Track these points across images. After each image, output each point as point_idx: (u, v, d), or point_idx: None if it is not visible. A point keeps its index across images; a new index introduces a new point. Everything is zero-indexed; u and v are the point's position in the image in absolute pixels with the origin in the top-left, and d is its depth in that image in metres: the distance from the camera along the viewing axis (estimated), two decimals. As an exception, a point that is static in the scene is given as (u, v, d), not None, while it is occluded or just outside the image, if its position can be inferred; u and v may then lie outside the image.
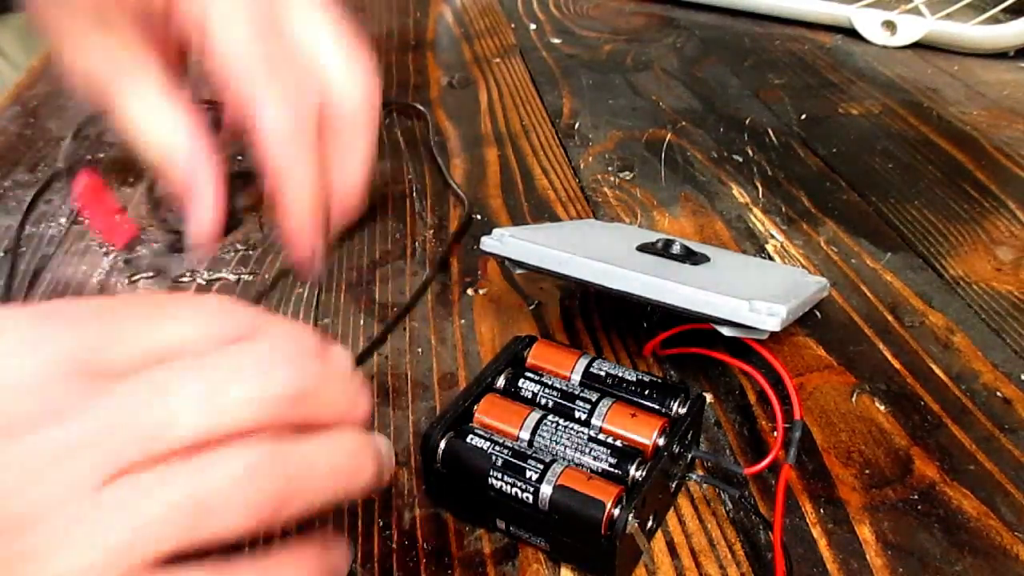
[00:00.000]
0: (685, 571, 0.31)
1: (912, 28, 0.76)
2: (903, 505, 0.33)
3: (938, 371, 0.39)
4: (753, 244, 0.50)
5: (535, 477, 0.29)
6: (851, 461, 0.35)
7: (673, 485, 0.32)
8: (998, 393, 0.38)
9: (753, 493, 0.34)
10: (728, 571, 0.31)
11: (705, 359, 0.37)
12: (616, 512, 0.28)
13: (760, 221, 0.52)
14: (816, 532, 0.32)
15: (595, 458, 0.30)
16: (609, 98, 0.69)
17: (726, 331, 0.33)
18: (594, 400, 0.32)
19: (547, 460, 0.30)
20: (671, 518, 0.33)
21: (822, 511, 0.33)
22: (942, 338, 0.42)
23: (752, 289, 0.37)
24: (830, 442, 0.36)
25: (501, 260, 0.38)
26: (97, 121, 0.68)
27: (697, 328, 0.35)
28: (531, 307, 0.45)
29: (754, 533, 0.32)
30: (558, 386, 0.33)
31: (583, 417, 0.32)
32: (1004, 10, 0.74)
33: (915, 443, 0.36)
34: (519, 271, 0.38)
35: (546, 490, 0.29)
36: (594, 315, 0.44)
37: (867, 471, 0.34)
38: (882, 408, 0.37)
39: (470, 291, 0.46)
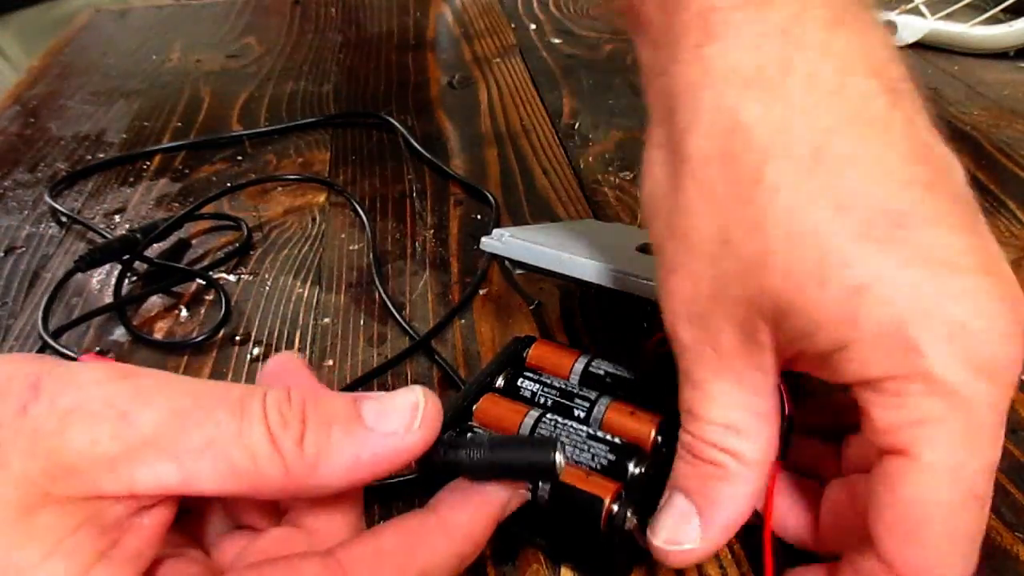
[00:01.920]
0: (685, 571, 0.31)
1: (912, 28, 0.76)
2: (903, 505, 0.33)
3: (938, 371, 0.39)
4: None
5: None
6: (851, 461, 0.35)
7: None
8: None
9: (753, 493, 0.33)
10: (728, 571, 0.31)
11: None
12: (615, 508, 0.28)
13: (760, 221, 0.52)
14: (816, 532, 0.32)
15: (594, 455, 0.30)
16: (609, 98, 0.69)
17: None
18: (592, 398, 0.32)
19: None
20: (671, 518, 0.33)
21: (822, 511, 0.33)
22: (942, 338, 0.42)
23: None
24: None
25: (501, 260, 0.38)
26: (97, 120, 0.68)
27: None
28: (531, 307, 0.45)
29: (754, 533, 0.32)
30: (557, 385, 0.33)
31: (582, 415, 0.32)
32: (1004, 10, 0.74)
33: (915, 443, 0.36)
34: (519, 271, 0.38)
35: (545, 487, 0.29)
36: (594, 315, 0.44)
37: (867, 471, 0.34)
38: (882, 408, 0.37)
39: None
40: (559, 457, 0.24)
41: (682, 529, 0.26)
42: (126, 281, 0.47)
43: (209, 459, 0.21)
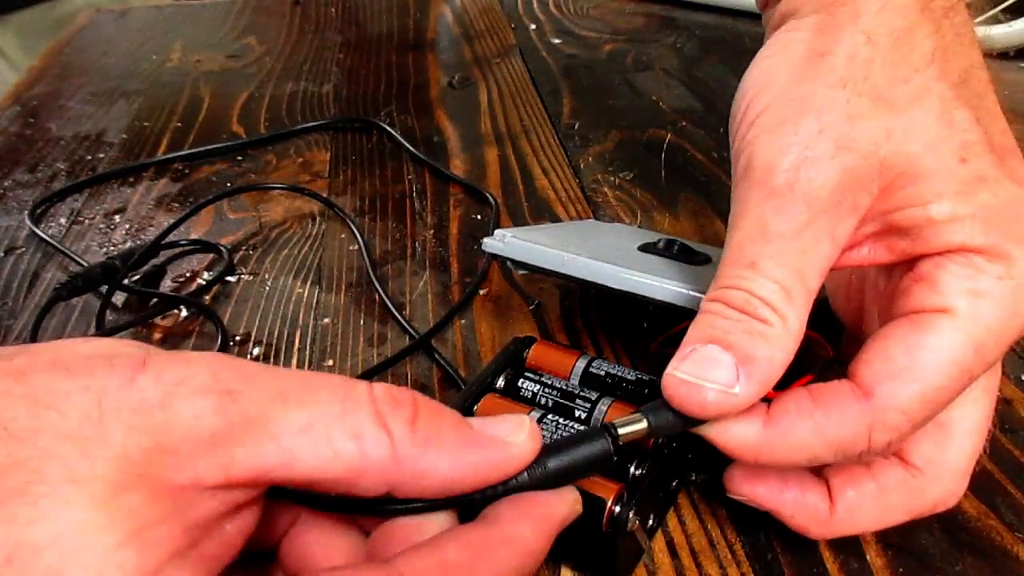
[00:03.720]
0: (685, 571, 0.31)
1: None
2: (903, 505, 0.33)
3: (938, 371, 0.39)
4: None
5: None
6: (851, 461, 0.35)
7: (673, 484, 0.32)
8: (998, 393, 0.38)
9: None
10: (728, 571, 0.31)
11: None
12: (617, 510, 0.28)
13: (760, 221, 0.52)
14: (816, 532, 0.32)
15: None
16: (609, 98, 0.69)
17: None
18: (593, 399, 0.32)
19: None
20: (671, 518, 0.33)
21: (822, 511, 0.33)
22: (942, 338, 0.42)
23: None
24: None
25: (503, 261, 0.38)
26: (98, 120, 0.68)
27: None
28: (531, 307, 0.45)
29: (754, 533, 0.32)
30: (558, 385, 0.33)
31: (583, 416, 0.32)
32: (1004, 10, 0.74)
33: (915, 443, 0.36)
34: (521, 272, 0.38)
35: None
36: (594, 315, 0.44)
37: (867, 471, 0.34)
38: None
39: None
40: (611, 445, 0.25)
41: (711, 370, 0.24)
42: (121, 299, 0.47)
43: (310, 440, 0.20)
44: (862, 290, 0.32)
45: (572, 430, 0.31)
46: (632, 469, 0.30)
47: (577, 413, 0.32)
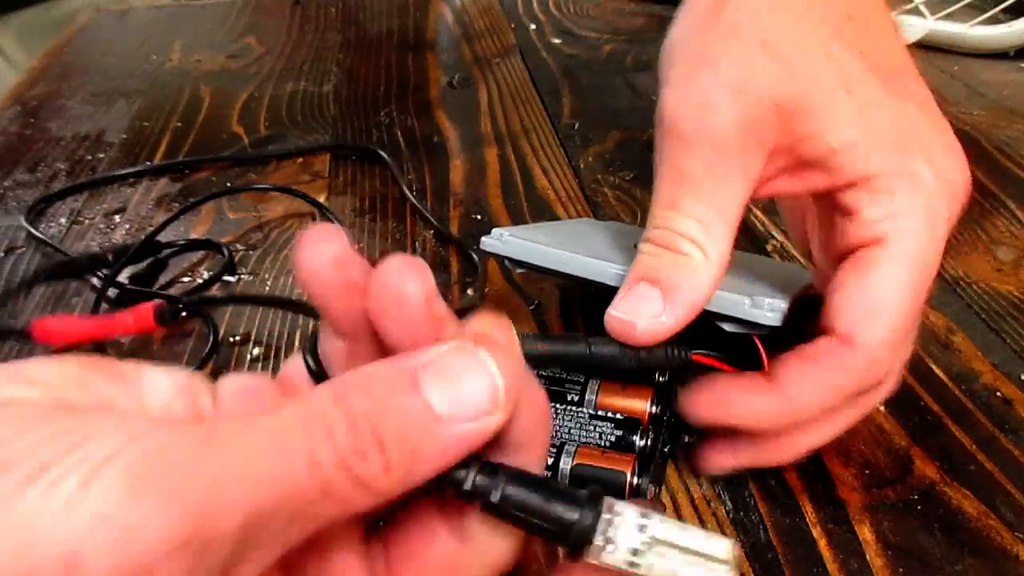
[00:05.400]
0: (685, 571, 0.31)
1: (912, 28, 0.76)
2: (903, 505, 0.33)
3: (938, 371, 0.39)
4: (753, 244, 0.50)
5: (550, 461, 0.30)
6: (851, 461, 0.35)
7: (667, 448, 0.33)
8: (998, 393, 0.38)
9: (753, 493, 0.33)
10: (728, 571, 0.31)
11: (703, 341, 0.36)
12: (635, 481, 0.29)
13: (760, 221, 0.52)
14: (816, 532, 0.32)
15: (600, 434, 0.31)
16: (609, 98, 0.69)
17: (728, 327, 0.33)
18: (582, 381, 0.33)
19: (557, 443, 0.31)
20: (671, 517, 0.33)
21: (822, 511, 0.33)
22: (942, 338, 0.42)
23: (752, 285, 0.37)
24: (830, 442, 0.36)
25: (501, 260, 0.37)
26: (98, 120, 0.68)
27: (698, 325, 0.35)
28: (531, 307, 0.44)
29: (754, 533, 0.32)
30: (545, 373, 0.34)
31: (575, 398, 0.33)
32: (1004, 10, 0.74)
33: (915, 443, 0.36)
34: (519, 271, 0.38)
35: (565, 471, 0.30)
36: (594, 315, 0.44)
37: (867, 471, 0.34)
38: (882, 408, 0.37)
39: (470, 291, 0.46)
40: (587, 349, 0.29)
41: (642, 305, 0.28)
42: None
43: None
44: (805, 221, 0.35)
45: (572, 412, 0.32)
46: (638, 441, 0.31)
47: (569, 396, 0.33)
